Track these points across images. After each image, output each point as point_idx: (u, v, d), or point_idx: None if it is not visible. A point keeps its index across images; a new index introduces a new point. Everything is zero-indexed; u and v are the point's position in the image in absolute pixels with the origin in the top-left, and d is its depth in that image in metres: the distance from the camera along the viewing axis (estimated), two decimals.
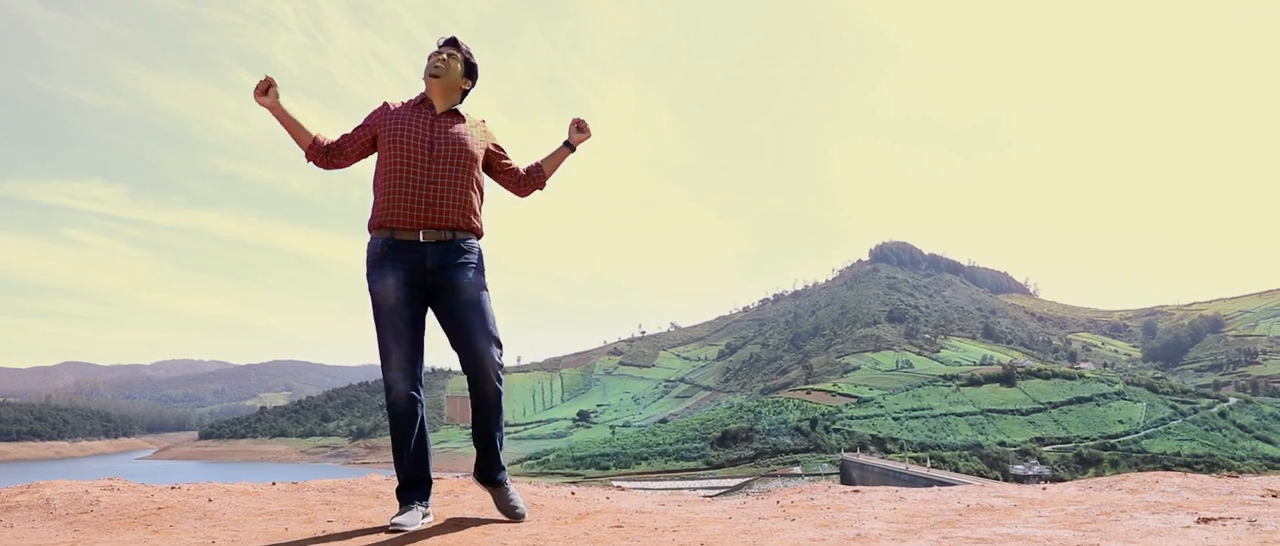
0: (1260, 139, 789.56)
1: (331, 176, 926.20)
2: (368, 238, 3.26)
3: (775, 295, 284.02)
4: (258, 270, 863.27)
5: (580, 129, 3.51)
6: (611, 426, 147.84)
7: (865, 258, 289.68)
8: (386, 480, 4.39)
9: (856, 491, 4.02)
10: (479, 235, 3.32)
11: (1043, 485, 4.22)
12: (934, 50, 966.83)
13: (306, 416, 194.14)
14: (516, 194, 3.53)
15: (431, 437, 3.40)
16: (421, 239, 3.15)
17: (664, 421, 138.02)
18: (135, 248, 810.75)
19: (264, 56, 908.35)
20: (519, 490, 4.08)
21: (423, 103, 3.29)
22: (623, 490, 4.36)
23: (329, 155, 3.33)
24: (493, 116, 3.57)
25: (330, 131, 3.43)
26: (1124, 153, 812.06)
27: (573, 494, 4.17)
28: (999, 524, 2.97)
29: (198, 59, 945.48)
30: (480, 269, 3.27)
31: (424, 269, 3.15)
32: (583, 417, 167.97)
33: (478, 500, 3.84)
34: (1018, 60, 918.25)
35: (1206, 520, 2.83)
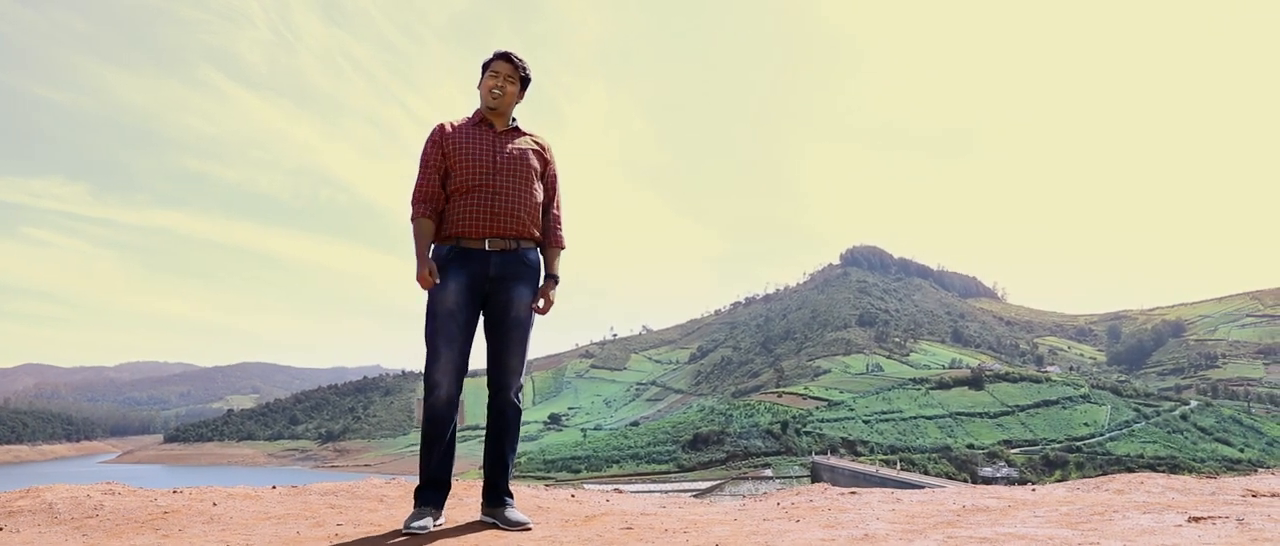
0: (1221, 147, 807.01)
1: (301, 176, 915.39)
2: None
3: (747, 298, 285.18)
4: (225, 271, 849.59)
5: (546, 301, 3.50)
6: (583, 429, 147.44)
7: (836, 262, 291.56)
8: (387, 483, 4.41)
9: (853, 493, 4.11)
10: (538, 243, 3.47)
11: (1032, 486, 4.33)
12: (904, 58, 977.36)
13: (274, 419, 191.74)
14: None
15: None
16: (486, 247, 3.29)
17: (635, 424, 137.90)
18: (98, 247, 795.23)
19: (232, 54, 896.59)
20: (519, 492, 4.13)
21: (481, 121, 3.44)
22: (621, 493, 4.43)
23: (438, 210, 3.40)
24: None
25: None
26: (1090, 159, 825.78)
27: (573, 496, 4.22)
28: (997, 523, 3.07)
29: (163, 55, 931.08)
30: (536, 283, 3.43)
31: (486, 276, 3.29)
32: (554, 420, 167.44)
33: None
34: (986, 69, 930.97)
35: (1197, 519, 2.95)
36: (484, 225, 3.29)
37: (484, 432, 3.52)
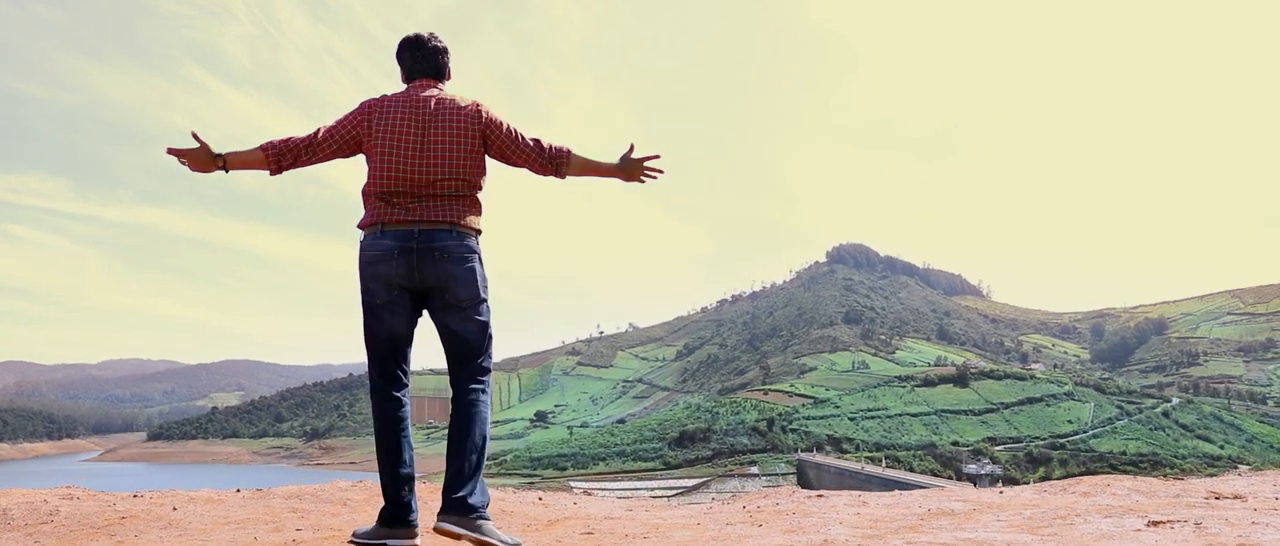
0: (1203, 146, 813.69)
1: (285, 173, 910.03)
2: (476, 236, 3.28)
3: (733, 296, 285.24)
4: (209, 268, 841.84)
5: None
6: (569, 427, 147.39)
7: (822, 259, 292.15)
8: (353, 486, 4.36)
9: (820, 496, 4.10)
10: None
11: (1000, 488, 4.33)
12: (892, 58, 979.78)
13: (259, 417, 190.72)
14: None
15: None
16: None
17: (622, 422, 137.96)
18: (80, 244, 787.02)
19: (215, 49, 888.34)
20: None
21: None
22: (589, 495, 4.40)
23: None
24: None
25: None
26: (1074, 158, 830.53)
27: (540, 499, 4.19)
28: (959, 528, 3.06)
29: (145, 50, 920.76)
30: None
31: None
32: (540, 418, 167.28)
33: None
34: (972, 69, 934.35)
35: (1155, 523, 2.95)
36: None
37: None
